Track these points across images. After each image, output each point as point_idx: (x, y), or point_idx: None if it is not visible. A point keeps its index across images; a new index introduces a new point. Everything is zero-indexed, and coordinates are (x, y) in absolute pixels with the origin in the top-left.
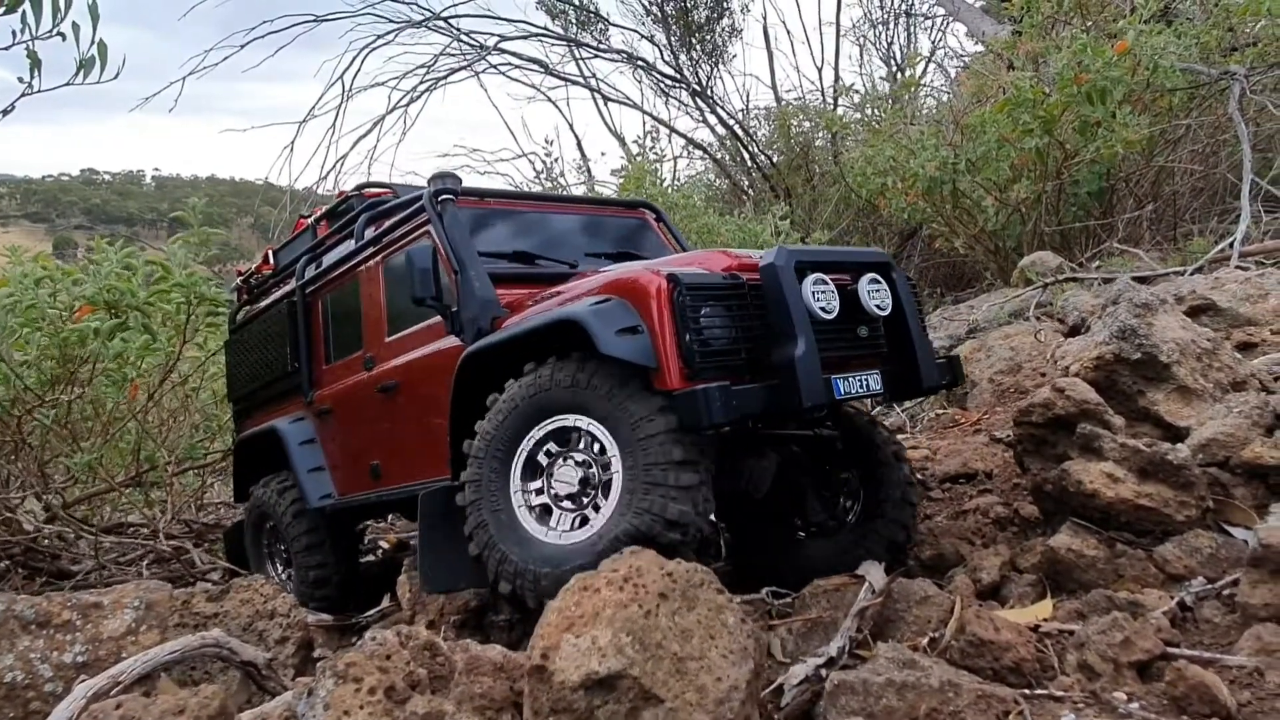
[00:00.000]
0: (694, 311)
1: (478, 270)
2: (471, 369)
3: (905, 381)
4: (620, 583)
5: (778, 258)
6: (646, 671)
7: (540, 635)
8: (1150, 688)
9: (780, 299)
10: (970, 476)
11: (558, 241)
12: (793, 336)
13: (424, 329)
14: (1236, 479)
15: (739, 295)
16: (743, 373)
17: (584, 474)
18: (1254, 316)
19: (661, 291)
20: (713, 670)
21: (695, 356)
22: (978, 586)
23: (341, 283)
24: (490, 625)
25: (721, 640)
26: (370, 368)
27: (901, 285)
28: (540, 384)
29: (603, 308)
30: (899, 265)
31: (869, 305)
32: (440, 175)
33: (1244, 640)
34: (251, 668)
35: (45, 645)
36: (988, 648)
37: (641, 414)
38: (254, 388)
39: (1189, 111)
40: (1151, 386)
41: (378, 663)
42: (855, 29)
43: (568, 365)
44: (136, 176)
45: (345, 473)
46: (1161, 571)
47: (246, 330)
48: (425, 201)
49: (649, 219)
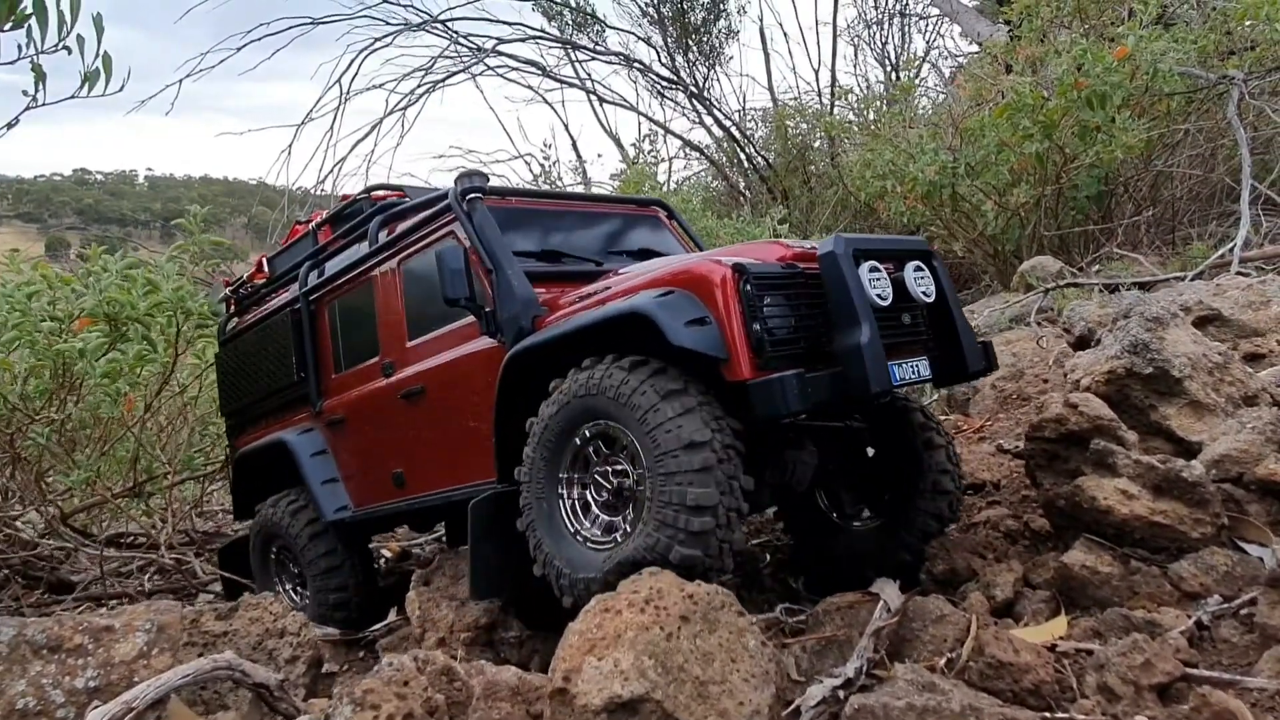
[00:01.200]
0: (760, 301)
1: (515, 269)
2: (516, 369)
3: (950, 366)
4: (641, 604)
5: (837, 245)
6: (669, 695)
7: (561, 658)
8: (1171, 710)
9: (842, 286)
10: (978, 487)
11: (579, 240)
12: (857, 323)
13: (450, 332)
14: (1251, 495)
15: (799, 284)
16: (804, 362)
17: (620, 482)
18: (1259, 326)
19: (728, 281)
20: (735, 695)
21: (765, 345)
22: (992, 604)
23: (352, 288)
24: (500, 642)
25: (743, 664)
26: (390, 374)
27: (942, 272)
28: (588, 385)
29: (668, 299)
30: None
31: (915, 292)
32: (467, 174)
33: (1264, 662)
34: (263, 689)
35: (57, 670)
36: (1007, 669)
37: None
38: (252, 400)
39: (1187, 116)
40: (1164, 401)
41: (395, 689)
42: (850, 29)
43: (614, 368)
44: (129, 176)
45: (362, 483)
46: (1177, 589)
47: (242, 340)
48: (452, 200)
49: (661, 216)
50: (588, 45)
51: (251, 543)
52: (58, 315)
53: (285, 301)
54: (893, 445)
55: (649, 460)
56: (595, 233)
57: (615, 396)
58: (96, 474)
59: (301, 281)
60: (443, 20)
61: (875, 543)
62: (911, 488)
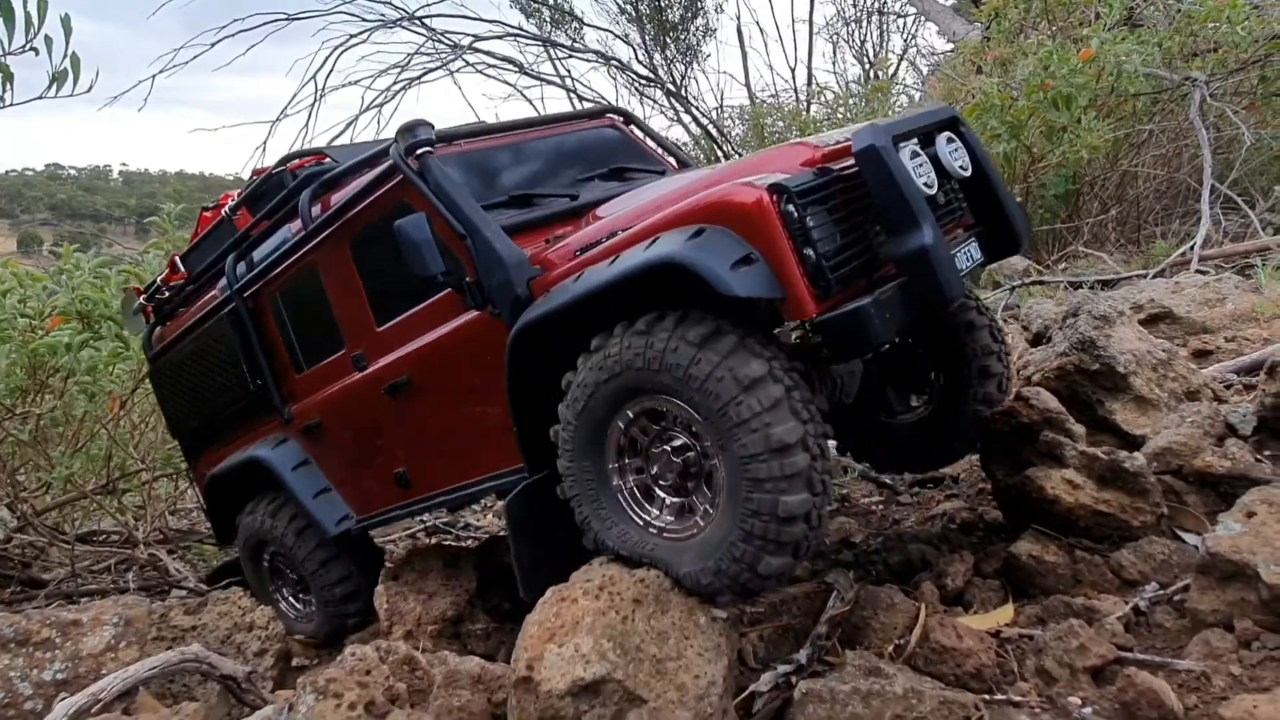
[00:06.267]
0: (806, 221)
1: (493, 228)
2: (524, 345)
3: (998, 242)
4: (596, 592)
5: (877, 138)
6: (629, 674)
7: (523, 647)
8: (1103, 692)
9: (891, 184)
10: (938, 481)
11: (544, 173)
12: (915, 223)
13: (425, 310)
14: (1189, 487)
15: (840, 191)
16: (860, 278)
17: (683, 459)
18: (1209, 323)
19: (767, 207)
20: (690, 668)
21: (823, 272)
22: (943, 592)
23: (294, 276)
24: (467, 634)
25: (696, 639)
26: (363, 366)
27: (974, 141)
28: (646, 356)
29: (704, 240)
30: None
31: (952, 167)
32: (409, 127)
33: (1193, 645)
34: (231, 681)
35: (25, 663)
36: (950, 654)
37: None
38: (206, 417)
39: (1152, 116)
40: (1110, 396)
41: (357, 678)
42: (829, 26)
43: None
44: (103, 172)
45: (360, 489)
46: (1118, 577)
47: (176, 353)
48: (397, 160)
49: (619, 124)
50: (565, 42)
51: (242, 558)
52: (29, 313)
53: (218, 303)
54: (933, 332)
55: (731, 460)
56: (558, 161)
57: (684, 378)
58: (72, 471)
59: (229, 277)
60: (419, 17)
61: (929, 431)
62: (957, 374)
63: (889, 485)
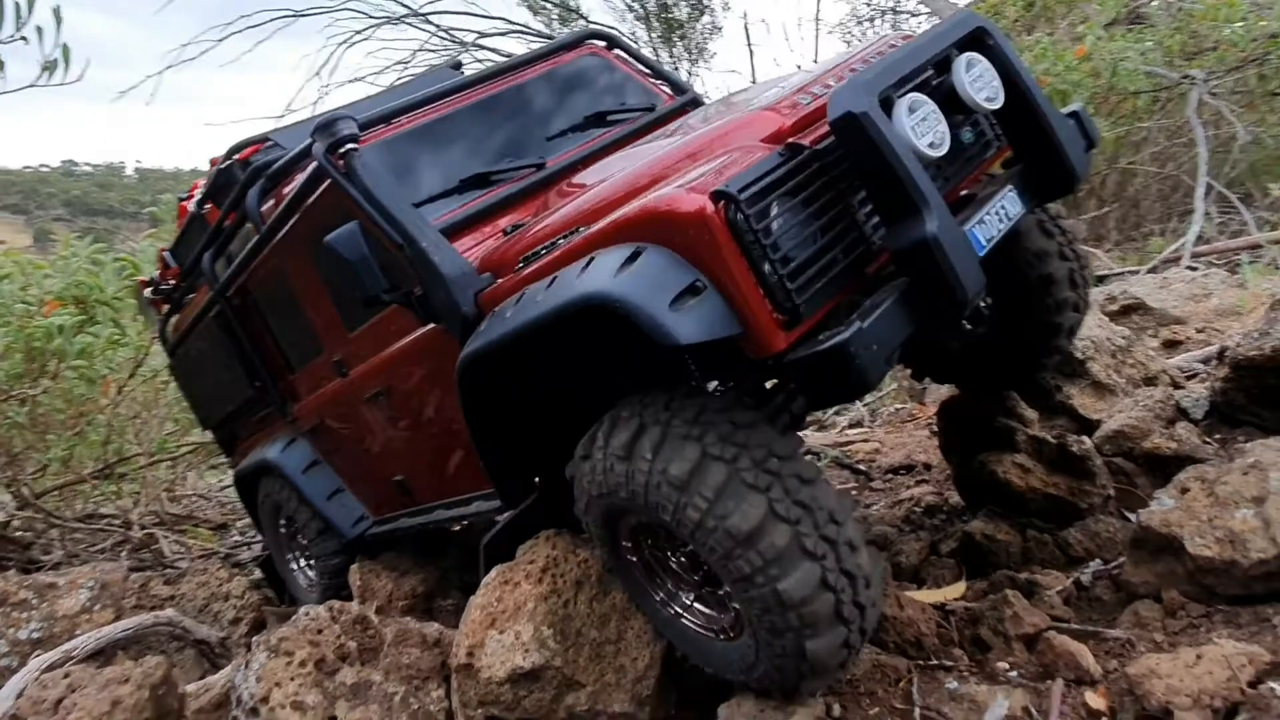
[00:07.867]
0: (765, 227)
1: (430, 237)
2: (473, 372)
3: (1047, 180)
4: (539, 575)
5: (855, 100)
6: (569, 660)
7: (465, 633)
8: (1031, 658)
9: (879, 160)
10: (910, 468)
11: (506, 136)
12: (914, 209)
13: (388, 317)
14: (1139, 468)
15: (815, 173)
16: (846, 280)
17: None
18: (1184, 315)
19: (712, 218)
20: (629, 651)
21: (790, 294)
22: (898, 569)
23: (265, 276)
24: (438, 610)
25: (636, 621)
26: (344, 372)
27: (1007, 54)
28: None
29: (639, 268)
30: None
31: (975, 100)
32: (326, 123)
33: (1124, 615)
34: (204, 646)
35: (1, 622)
36: (891, 623)
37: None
38: (226, 413)
39: (1152, 114)
40: (1068, 382)
41: (309, 636)
42: (842, 25)
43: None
44: (118, 168)
45: (370, 491)
46: (1065, 554)
47: (188, 346)
48: (321, 162)
49: (601, 52)
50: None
51: (264, 524)
52: (28, 300)
53: (206, 302)
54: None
55: (744, 603)
56: (525, 117)
57: (676, 522)
58: (70, 455)
59: (209, 277)
60: (425, 14)
61: (996, 361)
62: (1024, 305)
63: (863, 472)
